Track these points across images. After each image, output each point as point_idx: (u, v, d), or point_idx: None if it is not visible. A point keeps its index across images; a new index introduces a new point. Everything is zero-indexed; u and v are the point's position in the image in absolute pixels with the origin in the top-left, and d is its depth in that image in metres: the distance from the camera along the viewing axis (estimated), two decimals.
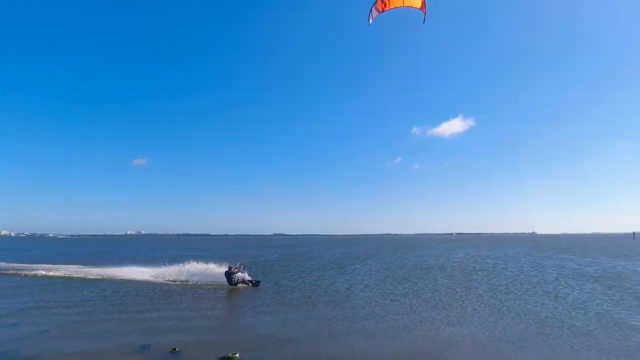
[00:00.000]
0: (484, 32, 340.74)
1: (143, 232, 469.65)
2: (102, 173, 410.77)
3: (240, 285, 26.13)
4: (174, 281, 28.38)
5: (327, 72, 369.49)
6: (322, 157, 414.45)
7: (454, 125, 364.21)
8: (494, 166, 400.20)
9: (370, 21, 15.55)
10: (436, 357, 11.33)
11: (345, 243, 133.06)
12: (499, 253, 63.62)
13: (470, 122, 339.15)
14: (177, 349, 11.94)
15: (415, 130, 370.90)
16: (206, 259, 33.30)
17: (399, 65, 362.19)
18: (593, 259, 46.45)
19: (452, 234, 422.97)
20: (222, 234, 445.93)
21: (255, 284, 26.27)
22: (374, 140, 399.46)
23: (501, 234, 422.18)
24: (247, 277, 26.66)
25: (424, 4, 14.86)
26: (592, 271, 33.19)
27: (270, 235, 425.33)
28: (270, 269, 37.49)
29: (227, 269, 26.68)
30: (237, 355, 11.18)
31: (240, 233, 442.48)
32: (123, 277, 29.96)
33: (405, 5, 15.28)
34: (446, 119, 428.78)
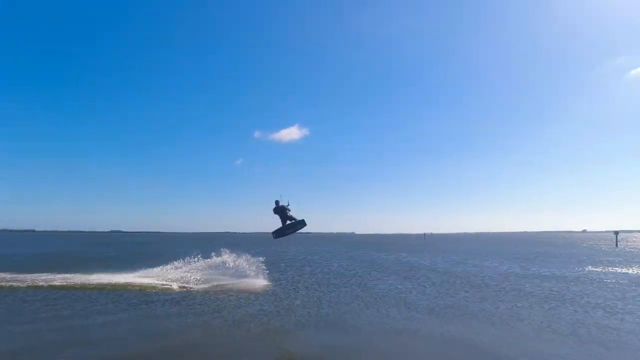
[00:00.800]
0: (324, 51, 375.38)
1: None
2: None
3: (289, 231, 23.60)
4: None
5: (171, 70, 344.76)
6: (164, 154, 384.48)
7: (292, 133, 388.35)
8: (322, 172, 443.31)
9: None
10: (264, 350, 11.83)
11: (187, 241, 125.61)
12: (324, 250, 70.81)
13: (305, 131, 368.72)
14: None
15: (257, 134, 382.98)
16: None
17: (243, 67, 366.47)
18: (395, 255, 56.48)
19: None
20: (51, 229, 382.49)
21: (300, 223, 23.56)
22: (217, 141, 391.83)
23: (326, 232, 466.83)
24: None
25: None
26: (393, 265, 40.25)
27: (106, 232, 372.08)
28: (105, 266, 32.33)
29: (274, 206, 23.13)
30: None
31: (72, 229, 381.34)
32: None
33: None
34: (285, 126, 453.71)
